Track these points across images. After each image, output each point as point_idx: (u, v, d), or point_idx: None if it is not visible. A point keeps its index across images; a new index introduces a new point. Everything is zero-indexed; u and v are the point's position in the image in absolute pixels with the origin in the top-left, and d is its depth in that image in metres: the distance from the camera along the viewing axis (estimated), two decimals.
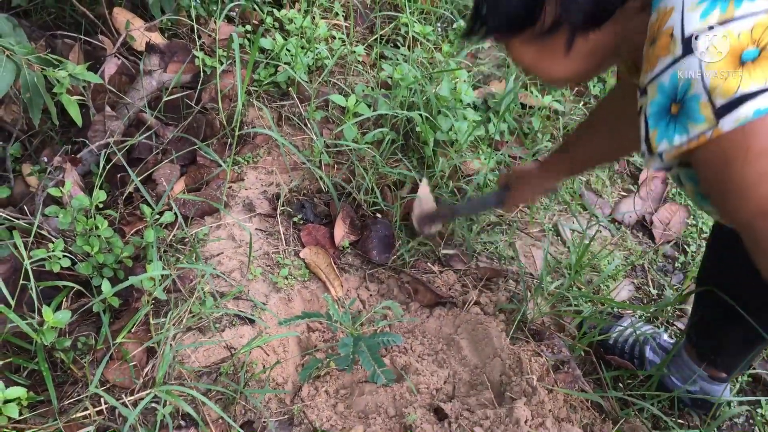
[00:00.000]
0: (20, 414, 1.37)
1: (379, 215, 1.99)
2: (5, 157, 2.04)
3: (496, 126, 2.25)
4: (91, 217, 1.65)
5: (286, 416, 1.55)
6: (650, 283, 2.08)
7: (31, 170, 2.00)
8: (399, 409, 1.58)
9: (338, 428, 1.52)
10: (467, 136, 2.08)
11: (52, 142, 2.10)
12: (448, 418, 1.55)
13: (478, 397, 1.61)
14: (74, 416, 1.42)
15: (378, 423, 1.54)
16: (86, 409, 1.42)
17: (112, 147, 1.94)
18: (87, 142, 1.99)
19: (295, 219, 1.94)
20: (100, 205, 1.69)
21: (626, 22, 1.04)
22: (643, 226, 2.27)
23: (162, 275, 1.61)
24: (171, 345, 1.54)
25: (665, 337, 1.78)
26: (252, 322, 1.68)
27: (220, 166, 1.94)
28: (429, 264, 1.93)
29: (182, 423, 1.49)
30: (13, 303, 1.47)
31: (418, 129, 2.07)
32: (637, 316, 1.92)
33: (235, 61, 1.92)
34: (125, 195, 1.92)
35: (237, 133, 1.92)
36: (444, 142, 2.11)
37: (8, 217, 1.69)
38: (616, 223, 2.25)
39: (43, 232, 1.70)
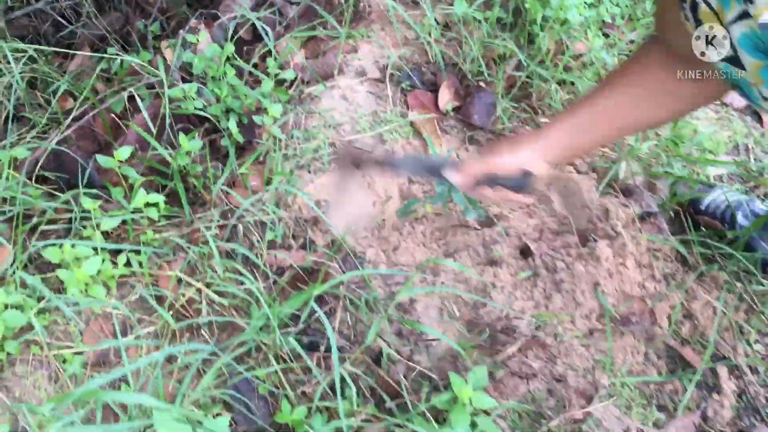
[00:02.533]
0: (158, 220, 1.61)
1: (483, 84, 2.08)
2: (146, 33, 2.30)
3: (608, 9, 2.26)
4: (221, 67, 1.85)
5: None
6: (752, 161, 2.06)
7: (168, 44, 2.23)
8: (487, 246, 1.70)
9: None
10: (577, 15, 2.10)
11: (187, 24, 2.33)
12: (532, 255, 1.66)
13: (563, 240, 1.70)
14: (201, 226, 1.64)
15: (465, 257, 1.67)
16: (211, 220, 1.64)
17: (240, 18, 2.14)
18: (219, 14, 2.20)
19: (403, 85, 2.07)
20: (231, 56, 1.90)
21: None
22: (754, 111, 2.23)
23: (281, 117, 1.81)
24: (286, 177, 1.73)
25: (759, 204, 1.78)
26: None
27: (337, 38, 2.09)
28: (528, 128, 2.01)
29: (292, 243, 1.69)
30: (155, 131, 1.70)
31: (527, 5, 2.12)
32: (730, 187, 1.92)
33: None
34: (251, 63, 2.11)
35: (352, 4, 2.06)
36: (554, 20, 2.15)
37: (151, 72, 1.92)
38: (724, 106, 2.23)
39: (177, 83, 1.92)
